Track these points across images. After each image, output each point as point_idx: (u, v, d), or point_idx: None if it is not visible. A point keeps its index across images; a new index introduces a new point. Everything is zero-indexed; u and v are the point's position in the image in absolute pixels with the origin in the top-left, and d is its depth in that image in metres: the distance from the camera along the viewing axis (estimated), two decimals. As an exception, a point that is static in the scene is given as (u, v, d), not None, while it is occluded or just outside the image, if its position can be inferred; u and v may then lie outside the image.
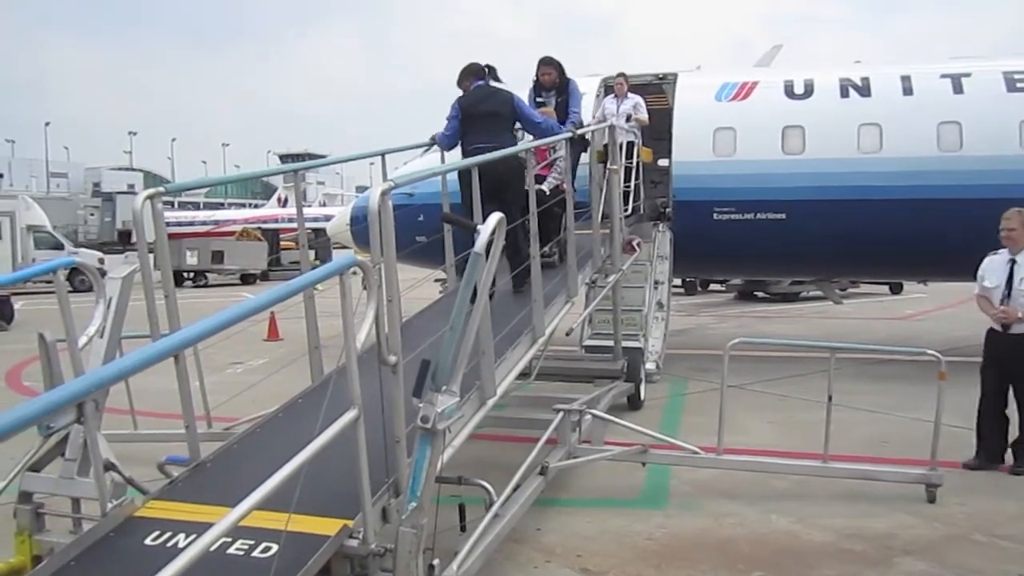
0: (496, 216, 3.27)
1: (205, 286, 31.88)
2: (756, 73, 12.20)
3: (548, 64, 8.51)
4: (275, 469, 2.81)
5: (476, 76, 7.19)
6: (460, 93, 7.39)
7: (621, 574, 4.74)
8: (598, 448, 6.28)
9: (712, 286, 24.18)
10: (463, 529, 4.24)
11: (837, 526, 5.40)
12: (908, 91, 11.02)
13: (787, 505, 5.80)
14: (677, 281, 17.40)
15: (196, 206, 53.38)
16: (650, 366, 9.71)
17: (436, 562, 3.53)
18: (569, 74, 8.75)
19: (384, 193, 3.27)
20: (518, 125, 7.38)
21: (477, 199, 5.60)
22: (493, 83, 7.22)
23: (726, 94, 11.45)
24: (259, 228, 40.06)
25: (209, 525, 3.18)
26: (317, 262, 5.98)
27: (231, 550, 3.08)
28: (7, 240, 26.42)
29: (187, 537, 3.25)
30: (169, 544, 3.25)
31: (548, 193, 7.48)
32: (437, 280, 8.87)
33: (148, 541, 3.30)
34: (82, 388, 1.96)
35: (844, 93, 11.16)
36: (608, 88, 11.63)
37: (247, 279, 33.50)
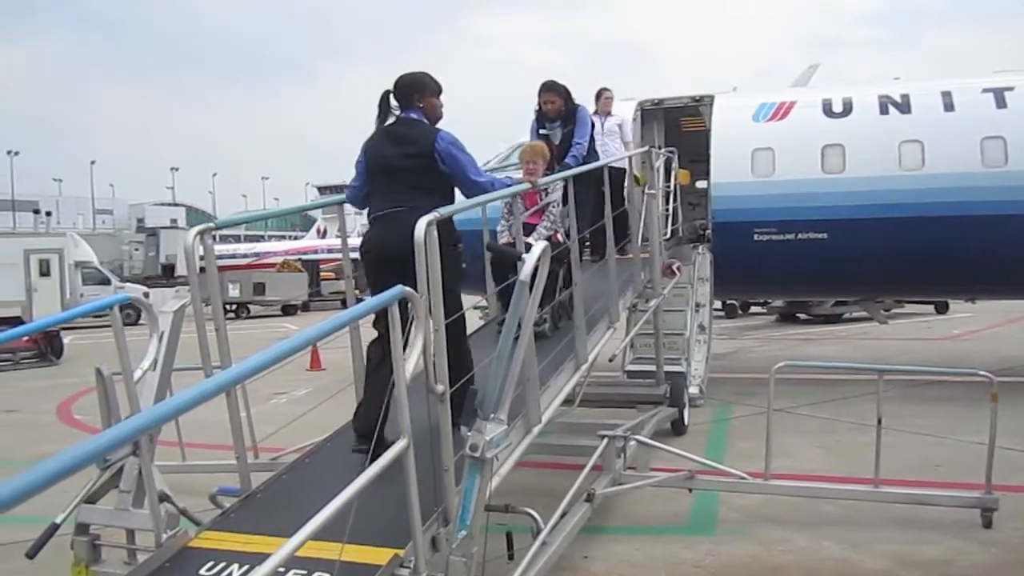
0: (541, 244, 3.29)
1: (248, 317, 32.30)
2: (793, 93, 12.15)
3: (551, 90, 7.35)
4: (325, 499, 2.83)
5: (401, 100, 4.73)
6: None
7: (671, 603, 4.69)
8: (644, 474, 6.24)
9: (753, 308, 23.91)
10: (511, 557, 4.23)
11: (891, 552, 5.29)
12: (949, 107, 10.89)
13: (838, 531, 5.69)
14: (717, 304, 17.26)
15: (237, 239, 54.25)
16: (693, 390, 9.64)
17: (485, 590, 3.52)
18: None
19: (429, 223, 3.31)
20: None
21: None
22: (412, 116, 4.70)
23: (764, 114, 11.42)
24: (299, 259, 40.52)
25: (261, 555, 3.23)
26: (357, 292, 6.02)
27: (286, 580, 3.10)
28: (56, 276, 27.04)
29: (240, 567, 3.29)
30: (223, 574, 3.29)
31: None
32: (477, 307, 8.90)
33: (203, 572, 3.34)
34: (143, 424, 2.00)
35: (884, 110, 11.06)
36: (645, 112, 11.68)
37: (288, 310, 33.86)
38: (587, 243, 7.84)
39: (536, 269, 3.27)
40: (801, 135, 11.16)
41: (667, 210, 9.91)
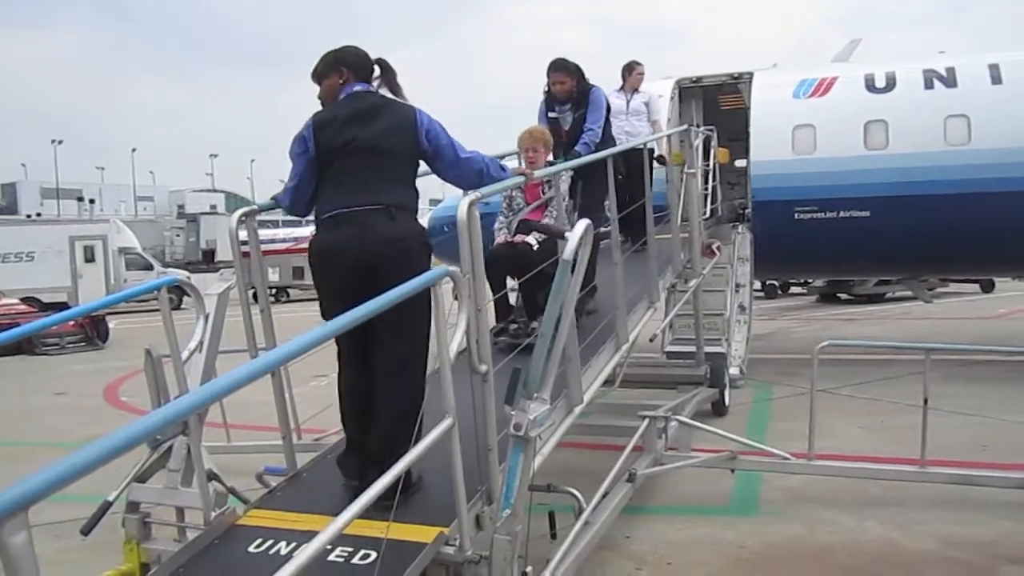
0: (584, 222, 3.28)
1: (287, 301, 32.65)
2: (834, 68, 11.92)
3: (560, 69, 6.49)
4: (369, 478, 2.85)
5: (351, 72, 3.88)
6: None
7: (714, 583, 4.67)
8: (685, 455, 6.21)
9: (793, 289, 23.65)
10: (553, 537, 4.24)
11: (938, 533, 5.21)
12: (997, 79, 10.61)
13: (884, 512, 5.63)
14: (757, 284, 17.09)
15: (276, 224, 54.80)
16: (733, 371, 9.58)
17: (529, 569, 3.53)
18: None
19: (472, 203, 3.31)
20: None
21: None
22: (383, 92, 3.98)
23: (804, 91, 11.22)
24: (336, 243, 40.78)
25: (309, 533, 3.28)
26: None
27: (331, 557, 3.14)
28: (100, 262, 27.59)
29: (288, 544, 3.34)
30: (272, 551, 3.33)
31: (536, 248, 5.48)
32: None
33: (251, 548, 3.39)
34: (193, 404, 2.02)
35: (928, 84, 10.81)
36: (683, 90, 11.53)
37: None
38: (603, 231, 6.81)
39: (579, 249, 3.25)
40: (843, 111, 10.95)
41: (706, 189, 9.79)
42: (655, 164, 8.56)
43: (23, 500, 1.49)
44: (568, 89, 6.48)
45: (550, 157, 6.03)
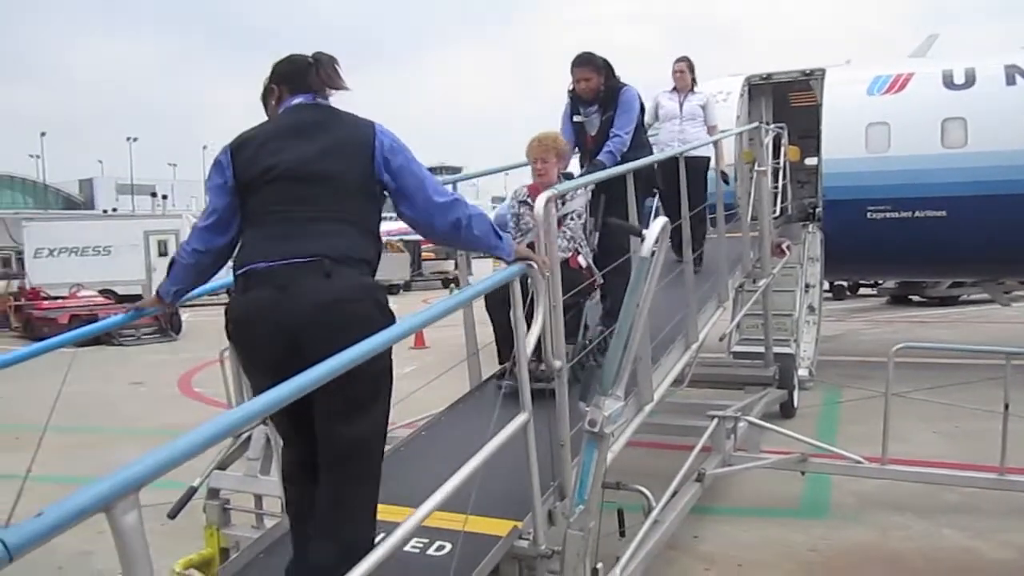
0: (662, 220, 3.28)
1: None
2: (911, 64, 11.61)
3: (585, 64, 5.61)
4: (443, 470, 2.90)
5: (284, 86, 3.01)
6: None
7: (785, 586, 4.62)
8: (755, 456, 6.15)
9: (862, 290, 23.10)
10: (622, 535, 4.25)
11: (1017, 542, 5.08)
12: (1084, 75, 10.22)
13: (960, 519, 5.49)
14: (825, 285, 16.74)
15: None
16: (802, 372, 9.42)
17: (599, 566, 3.55)
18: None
19: (550, 199, 3.34)
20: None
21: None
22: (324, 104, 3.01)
23: (879, 87, 10.95)
24: (401, 240, 41.28)
25: (384, 523, 3.34)
26: (457, 272, 6.04)
27: (407, 548, 3.20)
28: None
29: (365, 534, 3.40)
30: (348, 540, 3.41)
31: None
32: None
33: (328, 537, 3.47)
34: (275, 399, 2.05)
35: (1011, 80, 10.45)
36: (752, 87, 11.37)
37: (391, 290, 34.56)
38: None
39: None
40: (919, 108, 10.65)
41: (776, 187, 9.64)
42: (713, 178, 7.62)
43: (135, 481, 1.57)
44: (594, 87, 5.63)
45: (575, 168, 5.54)
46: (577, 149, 5.84)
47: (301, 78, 2.98)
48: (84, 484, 1.49)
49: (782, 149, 10.26)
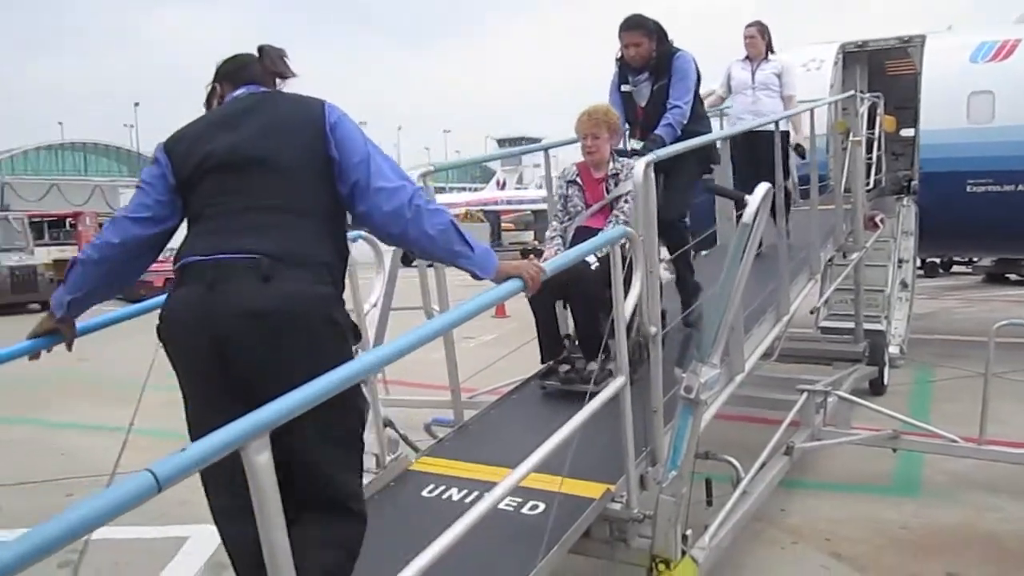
0: (765, 186, 3.24)
1: (432, 265, 33.51)
2: (1019, 30, 11.04)
3: (634, 27, 5.12)
4: (530, 433, 2.95)
5: (226, 82, 2.76)
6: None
7: (876, 563, 4.54)
8: (845, 431, 6.04)
9: (955, 268, 22.26)
10: (709, 504, 4.25)
11: (1120, 528, 4.88)
12: None
13: (1059, 503, 5.31)
14: (917, 262, 16.20)
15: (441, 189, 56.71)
16: (893, 349, 9.17)
17: (689, 532, 3.57)
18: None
19: (649, 164, 3.33)
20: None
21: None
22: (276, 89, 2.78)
23: (983, 54, 10.44)
24: (481, 210, 41.58)
25: (477, 481, 3.44)
26: (536, 243, 6.00)
27: (502, 505, 3.27)
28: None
29: (460, 491, 3.51)
30: (444, 496, 3.52)
31: (594, 267, 4.17)
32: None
33: (424, 493, 3.58)
34: (388, 354, 2.13)
35: None
36: (847, 55, 10.99)
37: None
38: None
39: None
40: (1027, 77, 10.15)
41: (870, 159, 9.35)
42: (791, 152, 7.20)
43: (265, 423, 1.69)
44: (645, 53, 5.12)
45: (633, 143, 5.18)
46: (625, 123, 5.30)
47: (243, 71, 2.72)
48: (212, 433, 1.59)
49: (877, 119, 9.92)
